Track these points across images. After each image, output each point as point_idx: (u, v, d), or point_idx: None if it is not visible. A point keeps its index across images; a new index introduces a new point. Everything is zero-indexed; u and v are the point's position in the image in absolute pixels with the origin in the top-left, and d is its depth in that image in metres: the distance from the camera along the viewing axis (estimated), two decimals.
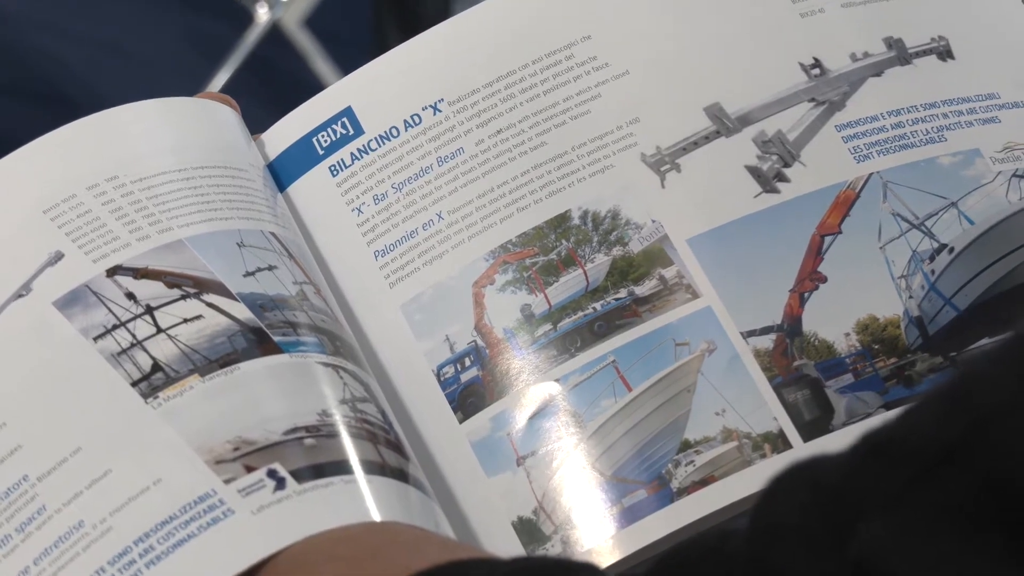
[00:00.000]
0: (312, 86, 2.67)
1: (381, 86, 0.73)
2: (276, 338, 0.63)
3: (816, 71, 0.72)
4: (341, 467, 0.61)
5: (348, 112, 0.71)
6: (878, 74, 0.72)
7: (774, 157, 0.70)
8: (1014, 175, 0.70)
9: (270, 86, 2.59)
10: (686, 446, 0.66)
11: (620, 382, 0.67)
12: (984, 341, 0.67)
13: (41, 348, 0.63)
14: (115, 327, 0.63)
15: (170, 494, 0.59)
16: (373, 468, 0.62)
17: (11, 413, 0.61)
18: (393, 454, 0.63)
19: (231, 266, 0.65)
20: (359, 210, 0.71)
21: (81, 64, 2.54)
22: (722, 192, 0.70)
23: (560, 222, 0.70)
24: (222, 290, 0.64)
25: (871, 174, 0.70)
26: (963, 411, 0.42)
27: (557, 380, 0.67)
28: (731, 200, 0.69)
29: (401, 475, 0.63)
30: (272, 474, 0.59)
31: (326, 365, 0.64)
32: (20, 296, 0.64)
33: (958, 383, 0.44)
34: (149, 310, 0.63)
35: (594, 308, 0.69)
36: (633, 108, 0.71)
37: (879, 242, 0.69)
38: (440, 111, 0.71)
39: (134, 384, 0.61)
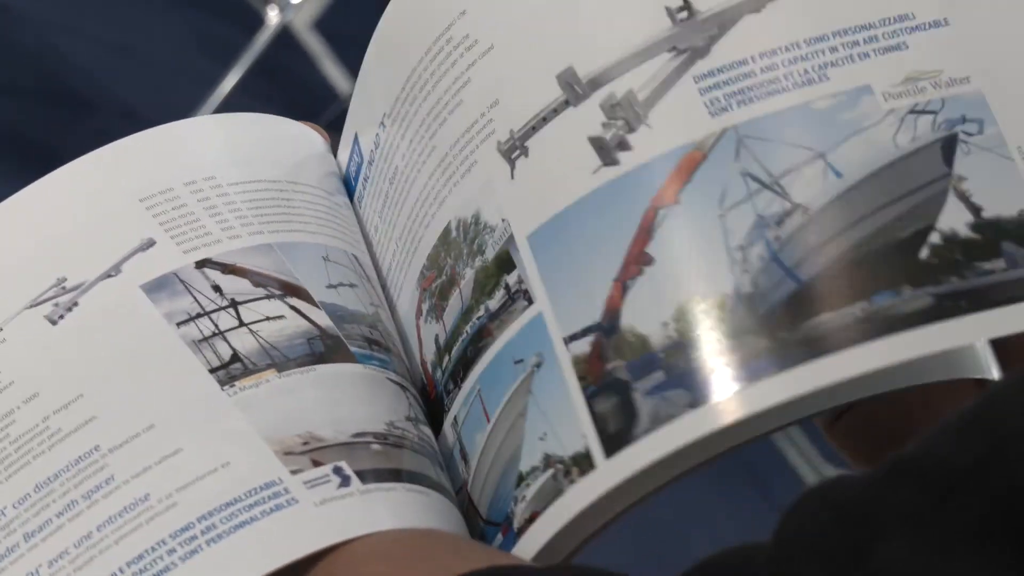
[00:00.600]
0: (321, 88, 2.70)
1: None
2: (352, 348, 0.64)
3: (683, 14, 0.58)
4: (402, 475, 0.62)
5: None
6: (756, 9, 0.59)
7: (619, 123, 0.58)
8: (911, 111, 0.57)
9: (279, 88, 2.62)
10: (520, 480, 0.58)
11: (483, 415, 0.60)
12: (825, 316, 0.54)
13: (124, 327, 0.64)
14: (199, 315, 0.63)
15: (237, 478, 0.60)
16: (430, 483, 0.63)
17: (89, 385, 0.63)
18: (443, 474, 0.64)
19: (316, 276, 0.66)
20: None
21: (97, 66, 2.55)
22: (564, 174, 0.58)
23: (445, 237, 0.62)
24: (306, 296, 0.65)
25: (725, 129, 0.57)
26: (984, 433, 0.43)
27: (455, 417, 0.62)
28: (570, 182, 0.58)
29: (448, 493, 0.64)
30: (338, 471, 0.61)
31: (395, 383, 0.65)
32: (109, 276, 0.65)
33: (981, 406, 0.44)
34: (233, 304, 0.64)
35: (467, 331, 0.61)
36: (494, 88, 0.61)
37: (719, 209, 0.56)
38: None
39: (212, 371, 0.62)
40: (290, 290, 0.66)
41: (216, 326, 0.64)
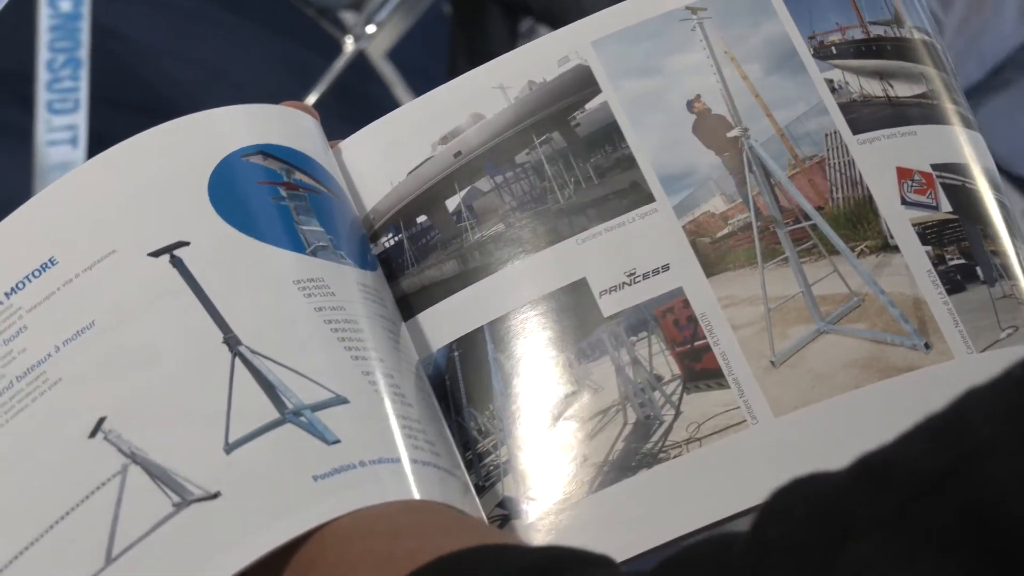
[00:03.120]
0: (392, 109, 2.87)
1: None
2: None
3: None
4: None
5: None
6: None
7: None
8: None
9: (354, 109, 2.75)
10: None
11: None
12: None
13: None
14: None
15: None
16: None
17: None
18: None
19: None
20: None
21: (194, 85, 2.71)
22: None
23: None
24: None
25: None
26: (955, 441, 0.42)
27: None
28: None
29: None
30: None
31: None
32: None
33: (954, 412, 0.44)
34: None
35: None
36: None
37: None
38: None
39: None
40: None
41: None
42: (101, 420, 0.63)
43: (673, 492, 0.68)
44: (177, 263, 0.67)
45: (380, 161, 0.77)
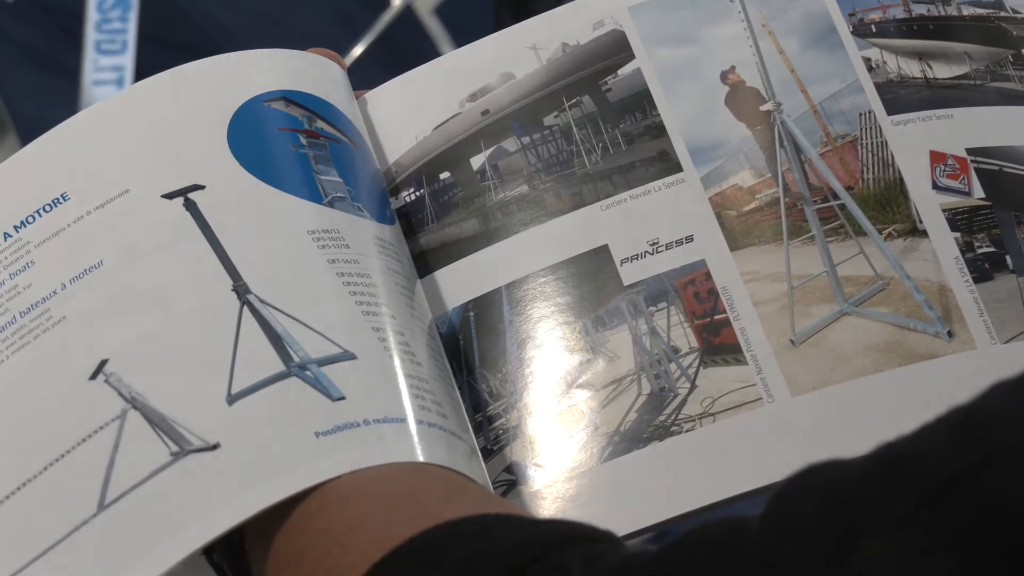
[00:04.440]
0: None
1: None
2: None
3: None
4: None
5: None
6: None
7: None
8: None
9: (399, 61, 2.75)
10: None
11: None
12: None
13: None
14: None
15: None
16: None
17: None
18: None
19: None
20: None
21: (241, 31, 2.68)
22: None
23: None
24: None
25: None
26: (975, 443, 0.41)
27: None
28: None
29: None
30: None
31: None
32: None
33: (978, 407, 0.43)
34: None
35: None
36: None
37: None
38: None
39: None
40: None
41: None
42: (103, 362, 0.61)
43: (683, 467, 0.66)
44: (191, 207, 0.65)
45: (406, 114, 0.76)
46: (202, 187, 0.66)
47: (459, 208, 0.74)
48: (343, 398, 0.59)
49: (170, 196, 0.65)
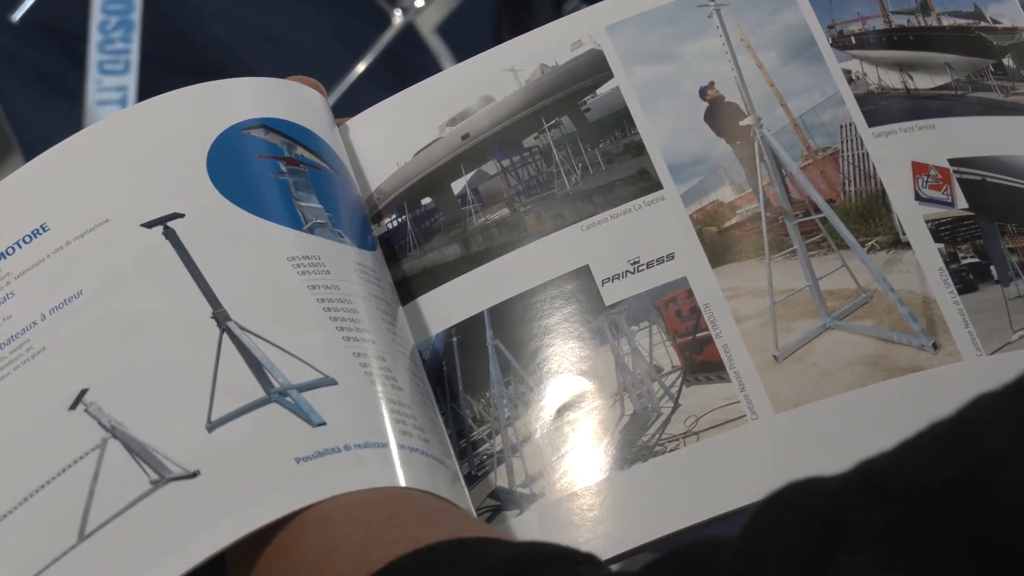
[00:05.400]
0: None
1: None
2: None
3: None
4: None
5: None
6: None
7: None
8: None
9: (401, 79, 2.76)
10: None
11: None
12: None
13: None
14: None
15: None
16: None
17: None
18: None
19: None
20: None
21: (244, 51, 2.69)
22: None
23: None
24: None
25: None
26: (958, 455, 0.40)
27: None
28: None
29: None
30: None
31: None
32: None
33: (958, 425, 0.42)
34: None
35: None
36: None
37: None
38: None
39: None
40: None
41: None
42: (83, 392, 0.60)
43: (669, 487, 0.65)
44: (170, 235, 0.65)
45: (387, 141, 0.75)
46: (181, 215, 0.65)
47: (441, 233, 0.73)
48: (324, 423, 0.59)
49: (149, 225, 0.65)
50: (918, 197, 0.70)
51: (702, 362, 0.68)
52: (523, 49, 0.75)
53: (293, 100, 0.71)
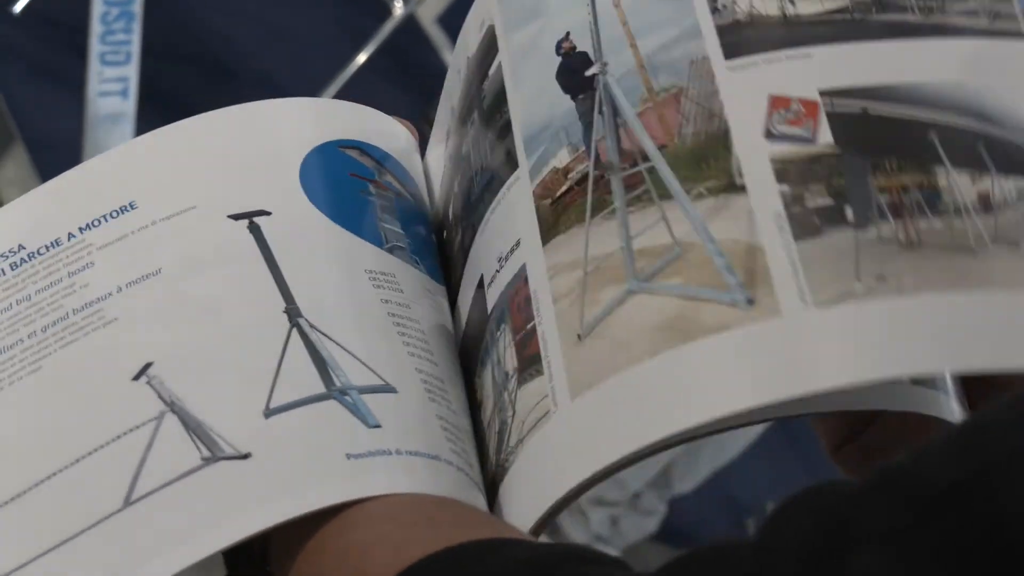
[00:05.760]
0: (439, 73, 2.87)
1: None
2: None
3: None
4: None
5: None
6: None
7: None
8: None
9: (401, 70, 2.69)
10: None
11: None
12: None
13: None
14: None
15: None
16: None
17: None
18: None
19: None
20: None
21: (247, 41, 2.70)
22: None
23: None
24: None
25: None
26: (970, 456, 0.41)
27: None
28: None
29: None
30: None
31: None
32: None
33: (969, 428, 0.43)
34: None
35: None
36: None
37: None
38: None
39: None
40: None
41: None
42: (148, 365, 0.62)
43: (508, 506, 0.60)
44: (255, 229, 0.66)
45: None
46: (268, 213, 0.67)
47: None
48: (379, 426, 0.60)
49: (236, 217, 0.67)
50: (769, 134, 0.59)
51: (528, 357, 0.60)
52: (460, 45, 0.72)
53: (389, 132, 0.74)
